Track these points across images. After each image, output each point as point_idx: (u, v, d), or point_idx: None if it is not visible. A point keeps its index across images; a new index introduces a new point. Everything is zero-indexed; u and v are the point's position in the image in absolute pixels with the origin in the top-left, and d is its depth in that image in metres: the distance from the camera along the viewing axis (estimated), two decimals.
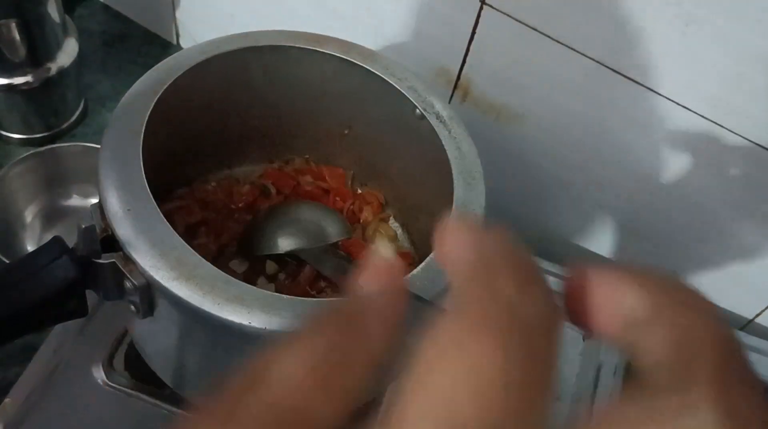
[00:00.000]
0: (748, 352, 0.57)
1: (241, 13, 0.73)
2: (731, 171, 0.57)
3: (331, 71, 0.52)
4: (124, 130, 0.42)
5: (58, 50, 0.68)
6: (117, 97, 0.76)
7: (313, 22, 0.68)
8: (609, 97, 0.57)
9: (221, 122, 0.56)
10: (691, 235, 0.63)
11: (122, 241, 0.37)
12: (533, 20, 0.56)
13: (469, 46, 0.61)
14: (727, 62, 0.50)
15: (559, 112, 0.61)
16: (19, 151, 0.69)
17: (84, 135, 0.73)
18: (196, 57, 0.46)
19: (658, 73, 0.53)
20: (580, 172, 0.64)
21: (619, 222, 0.66)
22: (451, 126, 0.48)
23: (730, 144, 0.54)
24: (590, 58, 0.55)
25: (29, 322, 0.35)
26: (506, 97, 0.63)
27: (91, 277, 0.37)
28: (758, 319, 0.66)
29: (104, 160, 0.40)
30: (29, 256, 0.36)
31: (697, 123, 0.55)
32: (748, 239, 0.61)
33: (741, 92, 0.51)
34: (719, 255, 0.63)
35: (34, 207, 0.66)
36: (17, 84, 0.66)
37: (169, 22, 0.81)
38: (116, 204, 0.38)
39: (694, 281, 0.67)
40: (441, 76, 0.65)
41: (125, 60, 0.81)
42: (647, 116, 0.56)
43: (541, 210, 0.70)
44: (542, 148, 0.64)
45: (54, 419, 0.50)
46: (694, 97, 0.54)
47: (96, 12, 0.85)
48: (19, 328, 0.34)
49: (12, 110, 0.69)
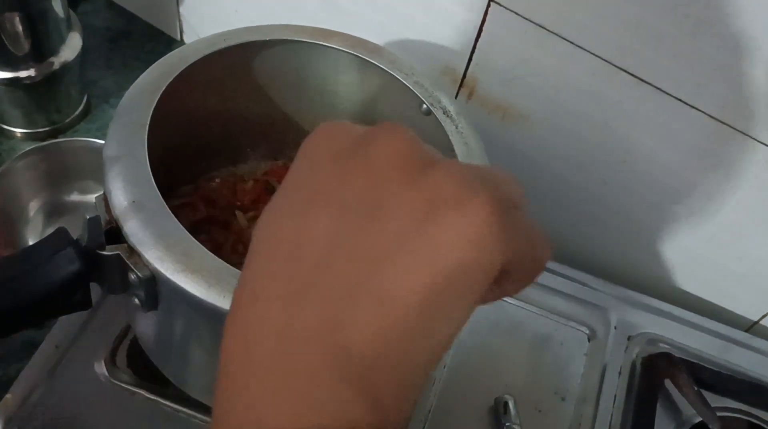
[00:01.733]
0: (753, 354, 0.56)
1: (245, 9, 0.73)
2: (739, 172, 0.56)
3: (337, 66, 0.51)
4: (130, 121, 0.41)
5: (61, 45, 0.68)
6: (120, 93, 0.76)
7: (318, 18, 0.68)
8: (616, 96, 0.57)
9: (225, 117, 0.56)
10: (697, 236, 0.63)
11: (127, 232, 0.37)
12: (541, 18, 0.55)
13: (475, 44, 0.60)
14: (736, 62, 0.50)
15: (565, 111, 0.60)
16: (21, 146, 0.69)
17: (87, 131, 0.73)
18: (203, 50, 0.46)
19: (665, 72, 0.53)
20: (585, 171, 0.64)
21: (623, 222, 0.66)
22: (458, 121, 0.47)
23: (739, 145, 0.54)
24: (598, 57, 0.55)
25: (33, 314, 0.34)
26: (512, 96, 0.62)
27: (95, 269, 0.37)
28: (764, 321, 0.66)
29: (110, 151, 0.40)
30: (33, 247, 0.36)
31: (705, 123, 0.54)
32: (753, 241, 0.61)
33: (750, 93, 0.51)
34: (724, 256, 0.63)
35: (36, 202, 0.65)
36: (20, 78, 0.65)
37: (173, 19, 0.81)
38: (121, 196, 0.38)
39: (699, 282, 0.67)
40: (446, 75, 0.64)
41: (129, 56, 0.80)
42: (655, 116, 0.56)
43: (546, 209, 0.69)
44: (548, 148, 0.64)
45: (55, 416, 0.50)
46: (702, 98, 0.53)
47: (100, 8, 0.84)
48: (22, 319, 0.34)
49: (15, 105, 0.68)
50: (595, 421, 0.57)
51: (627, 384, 0.59)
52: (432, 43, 0.63)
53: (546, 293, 0.63)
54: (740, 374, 0.61)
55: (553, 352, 0.61)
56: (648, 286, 0.68)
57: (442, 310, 0.21)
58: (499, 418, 0.55)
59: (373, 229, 0.22)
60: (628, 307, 0.64)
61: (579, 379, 0.59)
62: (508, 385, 0.58)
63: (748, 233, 0.60)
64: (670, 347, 0.62)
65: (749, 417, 0.59)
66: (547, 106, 0.61)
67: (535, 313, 0.62)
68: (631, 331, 0.63)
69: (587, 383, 0.59)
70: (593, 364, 0.60)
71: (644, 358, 0.61)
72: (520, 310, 0.62)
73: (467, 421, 0.55)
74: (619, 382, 0.59)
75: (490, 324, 0.61)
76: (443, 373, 0.57)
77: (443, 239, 0.21)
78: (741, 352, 0.63)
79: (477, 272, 0.21)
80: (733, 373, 0.61)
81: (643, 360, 0.61)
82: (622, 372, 0.60)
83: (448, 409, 0.56)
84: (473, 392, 0.57)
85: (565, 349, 0.61)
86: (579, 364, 0.60)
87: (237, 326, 0.23)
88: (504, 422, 0.54)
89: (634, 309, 0.64)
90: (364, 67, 0.50)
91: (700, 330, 0.64)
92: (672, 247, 0.65)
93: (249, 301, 0.23)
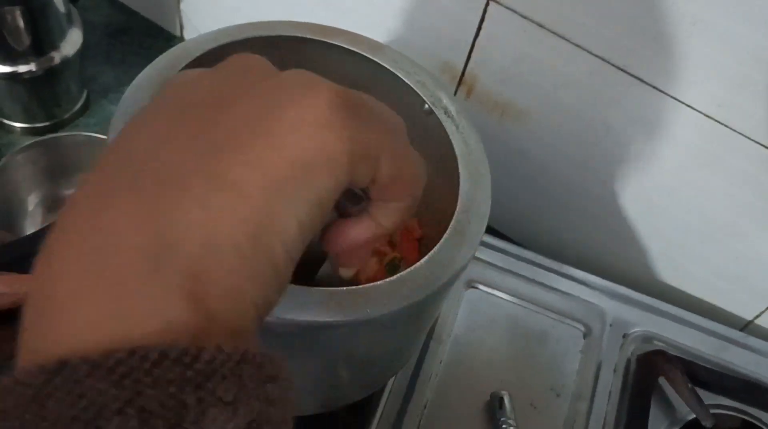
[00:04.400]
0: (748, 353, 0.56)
1: (245, 6, 0.73)
2: (734, 172, 0.57)
3: (338, 63, 0.51)
4: (132, 115, 0.41)
5: (62, 40, 0.68)
6: (120, 88, 0.76)
7: (318, 15, 0.68)
8: (613, 95, 0.57)
9: None
10: (692, 234, 0.63)
11: None
12: (539, 17, 0.56)
13: (474, 41, 0.61)
14: (733, 62, 0.50)
15: (563, 109, 0.61)
16: (20, 140, 0.69)
17: (86, 125, 0.73)
18: (207, 45, 0.46)
19: (663, 71, 0.54)
20: (583, 169, 0.64)
21: (620, 219, 0.66)
22: (458, 121, 0.48)
23: (734, 144, 0.55)
24: (596, 56, 0.55)
25: None
26: (511, 94, 0.63)
27: None
28: (758, 321, 0.67)
29: None
30: (33, 234, 0.36)
31: (701, 122, 0.55)
32: (748, 240, 0.61)
33: (746, 92, 0.51)
34: (720, 255, 0.64)
35: (35, 196, 0.66)
36: (20, 72, 0.66)
37: (173, 15, 0.81)
38: None
39: (694, 281, 0.67)
40: (445, 72, 0.65)
41: (128, 52, 0.81)
42: (652, 115, 0.57)
43: (544, 206, 0.70)
44: (546, 146, 0.64)
45: None
46: (698, 97, 0.54)
47: (100, 3, 0.85)
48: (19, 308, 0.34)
49: (14, 99, 0.68)
50: (589, 417, 0.57)
51: (622, 381, 0.60)
52: (431, 41, 0.63)
53: (542, 290, 0.64)
54: (734, 372, 0.62)
55: (549, 348, 0.61)
56: (643, 284, 0.69)
57: (285, 195, 0.20)
58: (494, 414, 0.55)
59: (212, 118, 0.21)
60: (623, 305, 0.65)
61: (574, 376, 0.60)
62: (504, 380, 0.58)
63: (743, 233, 0.61)
64: (665, 345, 0.63)
65: (743, 415, 0.60)
66: (545, 104, 0.61)
67: (531, 310, 0.63)
68: (627, 328, 0.63)
69: (582, 380, 0.60)
70: (588, 360, 0.61)
71: (639, 355, 0.61)
72: (517, 306, 0.63)
73: (463, 415, 0.56)
74: (613, 379, 0.60)
75: (486, 320, 0.61)
76: (439, 368, 0.58)
77: (285, 122, 0.21)
78: (735, 351, 0.64)
79: (321, 156, 0.21)
80: (727, 371, 0.62)
81: (638, 357, 0.61)
82: (617, 369, 0.61)
83: (444, 403, 0.56)
84: (469, 387, 0.57)
85: (560, 345, 0.61)
86: (574, 360, 0.61)
87: (53, 232, 0.20)
88: (499, 417, 0.55)
89: (629, 307, 0.65)
90: (366, 66, 0.50)
91: (695, 328, 0.64)
92: (668, 245, 0.66)
93: (69, 206, 0.20)
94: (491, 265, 0.64)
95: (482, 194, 0.44)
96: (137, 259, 0.18)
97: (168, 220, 0.19)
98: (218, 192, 0.19)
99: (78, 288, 0.18)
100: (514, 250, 0.66)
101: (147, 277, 0.18)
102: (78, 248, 0.18)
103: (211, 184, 0.19)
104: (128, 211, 0.19)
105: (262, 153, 0.20)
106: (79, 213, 0.19)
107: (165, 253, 0.18)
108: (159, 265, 0.18)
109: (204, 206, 0.19)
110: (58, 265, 0.18)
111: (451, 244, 0.39)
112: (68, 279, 0.18)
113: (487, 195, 0.44)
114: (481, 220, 0.42)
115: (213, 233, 0.19)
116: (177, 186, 0.19)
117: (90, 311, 0.18)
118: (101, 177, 0.20)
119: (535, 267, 0.65)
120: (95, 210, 0.19)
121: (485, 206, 0.44)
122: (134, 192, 0.19)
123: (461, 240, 0.40)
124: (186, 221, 0.19)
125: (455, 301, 0.62)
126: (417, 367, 0.57)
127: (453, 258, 0.39)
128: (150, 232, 0.18)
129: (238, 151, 0.20)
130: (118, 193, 0.19)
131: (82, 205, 0.19)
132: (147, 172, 0.19)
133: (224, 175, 0.19)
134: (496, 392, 0.56)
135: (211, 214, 0.19)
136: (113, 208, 0.19)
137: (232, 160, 0.20)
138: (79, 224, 0.19)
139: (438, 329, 0.60)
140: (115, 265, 0.18)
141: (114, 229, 0.18)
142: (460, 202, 0.43)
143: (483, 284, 0.63)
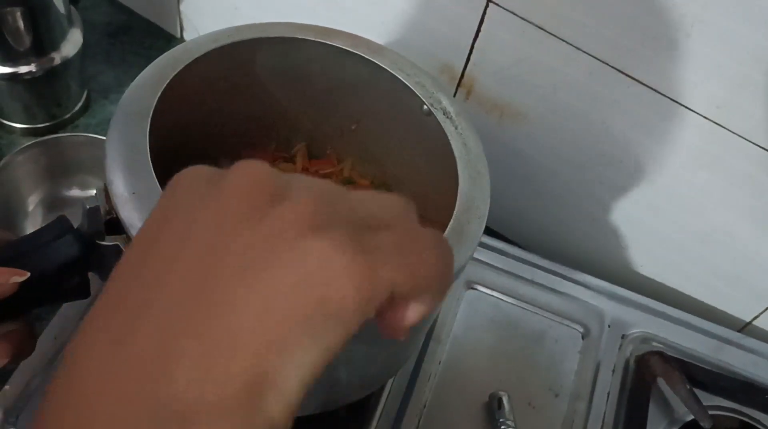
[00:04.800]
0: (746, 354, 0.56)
1: (245, 6, 0.73)
2: (733, 173, 0.57)
3: (339, 65, 0.52)
4: (133, 113, 0.42)
5: (62, 40, 0.68)
6: (120, 88, 0.76)
7: (318, 15, 0.68)
8: (612, 96, 0.57)
9: (226, 114, 0.56)
10: (690, 236, 0.64)
11: (126, 223, 0.37)
12: (539, 18, 0.56)
13: (473, 43, 0.61)
14: (732, 64, 0.50)
15: (562, 110, 0.61)
16: (21, 141, 0.69)
17: (87, 126, 0.73)
18: (207, 45, 0.46)
19: (662, 73, 0.54)
20: (581, 171, 0.64)
21: (619, 221, 0.67)
22: (458, 122, 0.48)
23: (733, 146, 0.55)
24: (595, 58, 0.55)
25: (31, 298, 0.35)
26: (510, 95, 0.63)
27: (94, 259, 0.37)
28: (756, 322, 0.67)
29: (111, 142, 0.40)
30: (34, 233, 0.36)
31: (700, 124, 0.55)
32: (747, 241, 0.61)
33: (746, 94, 0.51)
34: (718, 256, 0.64)
35: (36, 196, 0.66)
36: (21, 73, 0.66)
37: (173, 15, 0.81)
38: (121, 186, 0.38)
39: (693, 282, 0.67)
40: (445, 73, 0.65)
41: (129, 52, 0.81)
42: (650, 117, 0.57)
43: (542, 207, 0.70)
44: (544, 147, 0.65)
45: None
46: (697, 99, 0.54)
47: (100, 3, 0.85)
48: (20, 303, 0.34)
49: (15, 99, 0.68)
50: (588, 417, 0.58)
51: (620, 381, 0.60)
52: (431, 42, 0.63)
53: (541, 291, 0.64)
54: (733, 373, 0.62)
55: (548, 349, 0.61)
56: (642, 285, 0.69)
57: (286, 356, 0.19)
58: (493, 414, 0.55)
59: (206, 272, 0.20)
60: (622, 306, 0.65)
61: (573, 377, 0.60)
62: (503, 381, 0.58)
63: (741, 234, 0.61)
64: (663, 346, 0.63)
65: (741, 416, 0.60)
66: (544, 105, 0.62)
67: (530, 311, 0.63)
68: (625, 329, 0.63)
69: (581, 380, 0.60)
70: (587, 361, 0.61)
71: (637, 356, 0.61)
72: (515, 307, 0.63)
73: (462, 416, 0.56)
74: (612, 380, 0.60)
75: (485, 321, 0.61)
76: (438, 369, 0.58)
77: (281, 283, 0.20)
78: (733, 352, 0.64)
79: (324, 310, 0.20)
80: (725, 372, 0.62)
81: (637, 358, 0.61)
82: (616, 370, 0.61)
83: (443, 404, 0.56)
84: (468, 387, 0.57)
85: (559, 346, 0.61)
86: (573, 361, 0.61)
87: (64, 366, 0.21)
88: (498, 418, 0.55)
89: (628, 308, 0.65)
90: (366, 67, 0.50)
91: (694, 329, 0.64)
92: (666, 246, 0.66)
93: (74, 346, 0.22)
94: (490, 266, 0.65)
95: (481, 195, 0.45)
96: (139, 415, 0.19)
97: (166, 383, 0.19)
98: (210, 358, 0.19)
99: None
100: (513, 251, 0.66)
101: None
102: (88, 411, 0.20)
103: (202, 348, 0.19)
104: (135, 370, 0.20)
105: (255, 319, 0.20)
106: (83, 379, 0.20)
107: (163, 412, 0.19)
108: (160, 420, 0.19)
109: (196, 371, 0.19)
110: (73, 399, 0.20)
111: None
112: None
113: (486, 196, 0.45)
114: (480, 220, 0.42)
115: (211, 398, 0.19)
116: (171, 348, 0.20)
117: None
118: (107, 317, 0.21)
119: (534, 268, 0.65)
120: (99, 374, 0.20)
121: (484, 207, 0.44)
122: (133, 356, 0.20)
123: (460, 240, 0.40)
124: (182, 385, 0.19)
125: (454, 302, 0.62)
126: (416, 368, 0.57)
127: None
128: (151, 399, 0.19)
129: (232, 314, 0.20)
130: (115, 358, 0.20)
131: (84, 369, 0.21)
132: (142, 336, 0.20)
133: (220, 337, 0.20)
134: (494, 392, 0.56)
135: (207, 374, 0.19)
136: (113, 374, 0.20)
137: (230, 323, 0.20)
138: (88, 391, 0.20)
139: (437, 330, 0.60)
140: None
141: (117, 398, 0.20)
142: (459, 203, 0.43)
143: (482, 285, 0.63)
